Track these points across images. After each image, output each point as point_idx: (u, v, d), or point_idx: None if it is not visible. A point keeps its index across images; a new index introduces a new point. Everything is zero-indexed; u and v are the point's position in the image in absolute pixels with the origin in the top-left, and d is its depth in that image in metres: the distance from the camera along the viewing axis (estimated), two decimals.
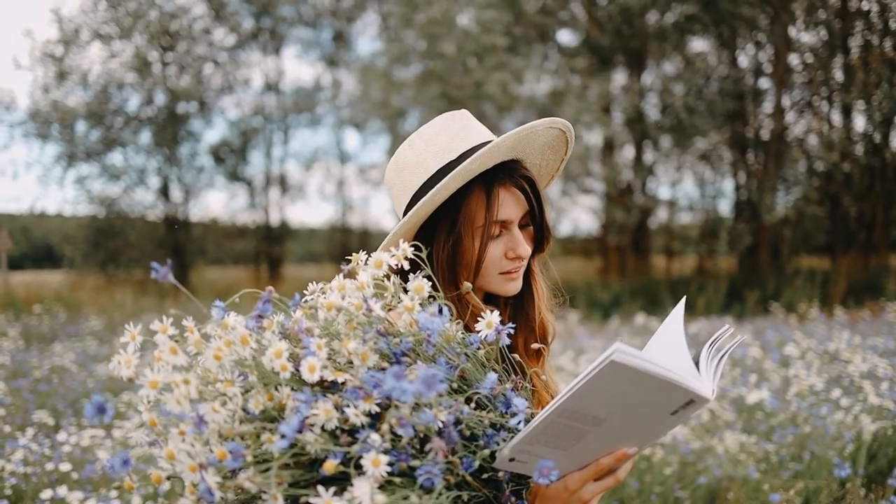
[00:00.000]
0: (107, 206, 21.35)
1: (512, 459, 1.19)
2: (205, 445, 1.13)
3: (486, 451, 1.19)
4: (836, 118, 19.37)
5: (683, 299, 1.40)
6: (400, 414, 1.08)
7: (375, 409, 1.12)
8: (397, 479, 1.10)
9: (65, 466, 4.13)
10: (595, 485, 1.27)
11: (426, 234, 1.63)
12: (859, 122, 19.04)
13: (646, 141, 20.29)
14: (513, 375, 1.32)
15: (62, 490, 3.69)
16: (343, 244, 26.58)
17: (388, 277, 1.36)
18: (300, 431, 1.09)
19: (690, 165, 22.10)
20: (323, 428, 1.11)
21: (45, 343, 9.63)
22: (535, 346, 1.62)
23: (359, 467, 1.08)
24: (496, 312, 1.31)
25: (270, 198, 24.95)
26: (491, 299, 1.73)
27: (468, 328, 1.47)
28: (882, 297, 12.85)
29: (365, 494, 1.00)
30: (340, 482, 1.11)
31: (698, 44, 19.86)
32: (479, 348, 1.30)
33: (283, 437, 1.06)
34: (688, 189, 43.70)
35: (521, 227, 1.66)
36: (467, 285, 1.45)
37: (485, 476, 1.22)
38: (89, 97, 20.83)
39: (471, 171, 1.54)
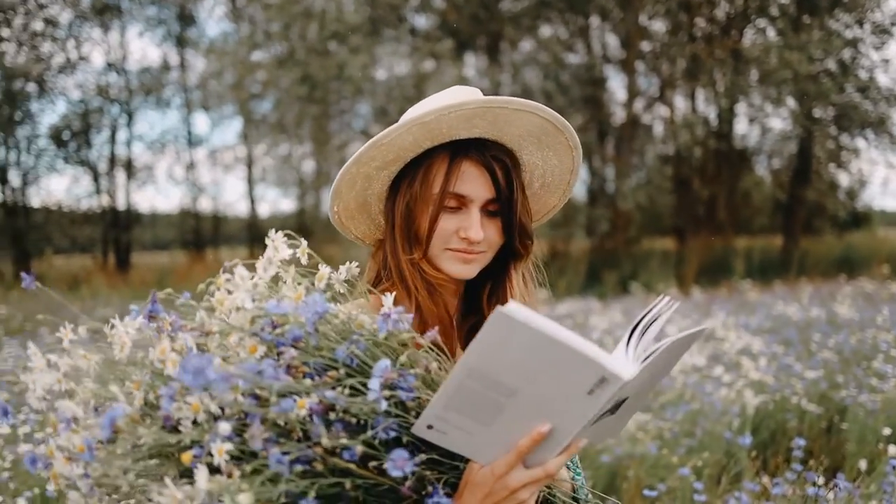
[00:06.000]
0: None
1: (430, 427, 1.14)
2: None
3: (367, 434, 1.12)
4: (685, 105, 20.16)
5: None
6: (247, 408, 1.09)
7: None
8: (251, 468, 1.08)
9: None
10: (523, 473, 1.20)
11: (391, 188, 1.60)
12: (706, 109, 19.89)
13: None
14: (433, 364, 1.21)
15: None
16: (195, 230, 25.74)
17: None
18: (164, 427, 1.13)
19: None
20: (195, 422, 1.12)
21: None
22: None
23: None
24: (389, 298, 1.22)
25: (117, 182, 23.83)
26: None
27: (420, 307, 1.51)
28: (734, 276, 13.46)
29: (202, 481, 1.04)
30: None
31: (551, 29, 20.18)
32: (387, 336, 1.21)
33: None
34: None
35: (490, 213, 1.54)
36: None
37: (375, 464, 1.14)
38: None
39: (425, 125, 1.45)
